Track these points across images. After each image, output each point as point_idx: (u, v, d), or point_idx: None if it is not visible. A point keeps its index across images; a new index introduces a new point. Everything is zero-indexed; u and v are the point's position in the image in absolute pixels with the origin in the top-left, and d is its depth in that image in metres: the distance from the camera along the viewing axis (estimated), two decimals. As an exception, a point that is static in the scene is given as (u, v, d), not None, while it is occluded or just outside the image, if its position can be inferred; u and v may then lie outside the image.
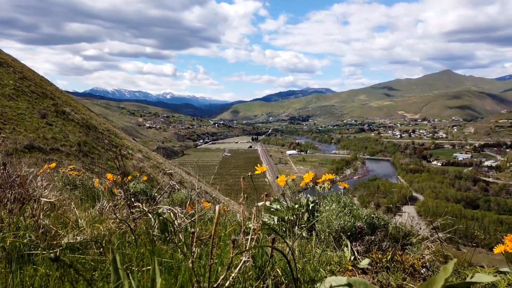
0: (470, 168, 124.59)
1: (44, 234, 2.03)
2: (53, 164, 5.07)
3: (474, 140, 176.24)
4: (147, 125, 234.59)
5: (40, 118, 19.63)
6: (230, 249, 1.18)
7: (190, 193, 4.15)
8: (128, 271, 1.47)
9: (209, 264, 1.12)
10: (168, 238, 2.24)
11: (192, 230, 1.25)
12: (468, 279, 1.12)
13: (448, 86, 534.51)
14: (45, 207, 2.47)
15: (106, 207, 3.00)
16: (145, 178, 5.15)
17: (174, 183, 4.61)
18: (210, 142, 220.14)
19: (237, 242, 1.55)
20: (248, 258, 1.35)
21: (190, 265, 1.15)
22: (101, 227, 2.32)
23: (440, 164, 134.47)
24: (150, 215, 2.56)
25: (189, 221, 2.74)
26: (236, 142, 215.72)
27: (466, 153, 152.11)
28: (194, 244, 1.31)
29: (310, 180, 3.10)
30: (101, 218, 2.57)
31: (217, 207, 1.10)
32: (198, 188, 4.34)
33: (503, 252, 2.37)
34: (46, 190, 2.79)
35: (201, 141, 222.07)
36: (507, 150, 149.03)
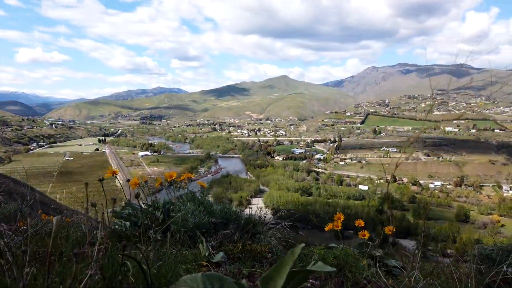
0: (305, 161, 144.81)
1: None
2: None
3: (306, 137, 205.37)
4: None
5: None
6: (73, 263, 1.06)
7: (21, 206, 3.51)
8: None
9: (46, 285, 0.98)
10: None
11: (23, 248, 1.06)
12: (309, 267, 1.26)
13: (286, 90, 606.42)
14: None
15: None
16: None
17: (-3, 196, 3.85)
18: (46, 146, 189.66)
19: (82, 255, 1.41)
20: (95, 270, 1.24)
21: (22, 289, 0.98)
22: None
23: (282, 159, 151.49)
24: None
25: (21, 238, 2.33)
26: (80, 145, 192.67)
27: (301, 148, 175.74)
28: (27, 264, 1.12)
29: (167, 180, 3.06)
30: None
31: (54, 219, 0.97)
32: (31, 199, 3.72)
33: (331, 229, 2.90)
34: None
35: (34, 144, 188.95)
36: (331, 144, 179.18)
